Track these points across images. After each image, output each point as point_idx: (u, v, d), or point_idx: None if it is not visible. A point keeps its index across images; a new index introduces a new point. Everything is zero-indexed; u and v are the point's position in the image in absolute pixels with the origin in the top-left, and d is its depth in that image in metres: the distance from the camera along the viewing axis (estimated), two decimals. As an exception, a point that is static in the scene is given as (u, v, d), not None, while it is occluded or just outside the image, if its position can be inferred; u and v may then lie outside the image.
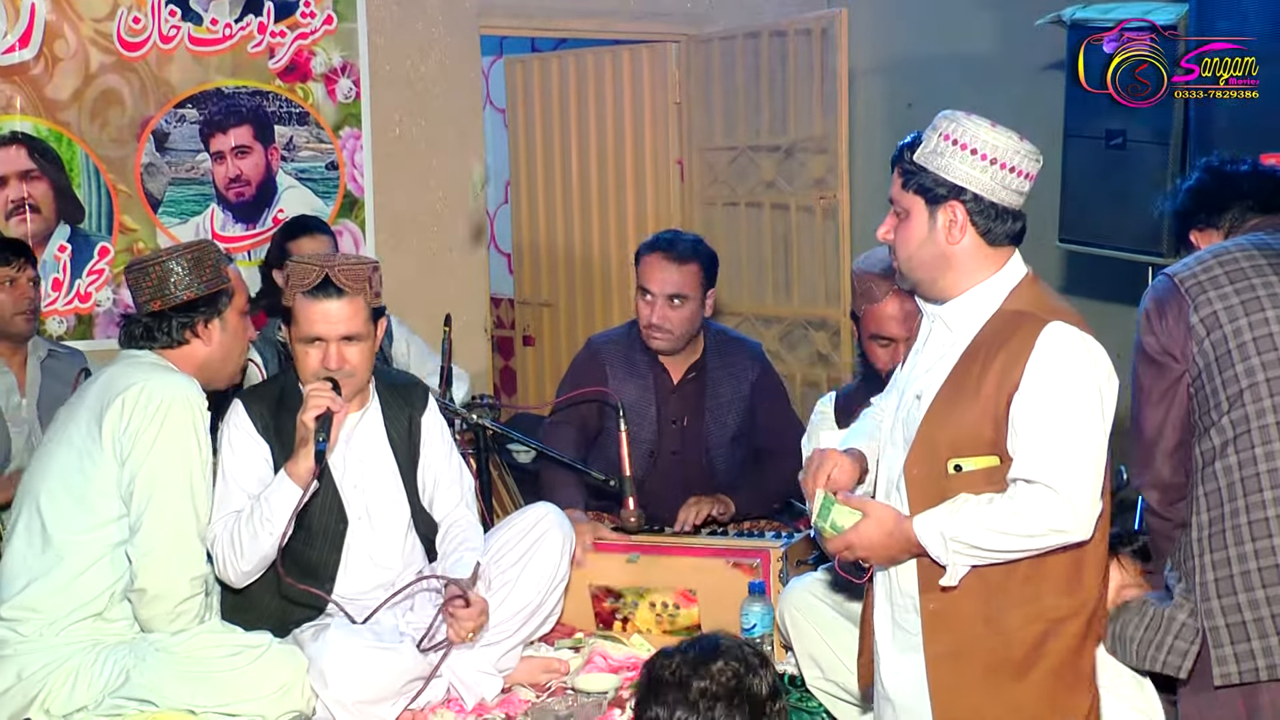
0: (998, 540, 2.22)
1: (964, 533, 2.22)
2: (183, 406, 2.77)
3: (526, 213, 6.18)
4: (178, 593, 2.76)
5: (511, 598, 3.17)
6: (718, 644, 2.07)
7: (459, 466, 3.32)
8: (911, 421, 2.35)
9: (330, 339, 3.00)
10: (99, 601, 2.78)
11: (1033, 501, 2.20)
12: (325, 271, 2.99)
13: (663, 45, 5.67)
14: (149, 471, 2.75)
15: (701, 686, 2.00)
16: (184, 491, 2.78)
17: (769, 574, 3.29)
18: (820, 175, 5.06)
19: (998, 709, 2.29)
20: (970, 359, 2.30)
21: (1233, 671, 2.31)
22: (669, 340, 3.68)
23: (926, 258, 2.34)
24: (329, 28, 4.94)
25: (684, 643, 2.12)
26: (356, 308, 3.01)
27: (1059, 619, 2.28)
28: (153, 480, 2.75)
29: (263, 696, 2.80)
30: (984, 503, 2.24)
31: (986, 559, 2.24)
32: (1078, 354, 2.24)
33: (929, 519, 2.26)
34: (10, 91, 4.51)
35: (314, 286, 2.99)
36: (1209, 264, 2.48)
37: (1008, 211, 2.30)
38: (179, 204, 4.79)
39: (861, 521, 2.32)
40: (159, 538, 2.74)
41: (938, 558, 2.25)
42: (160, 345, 2.90)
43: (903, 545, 2.30)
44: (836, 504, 2.35)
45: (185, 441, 2.77)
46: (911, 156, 2.33)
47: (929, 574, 2.30)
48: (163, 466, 2.76)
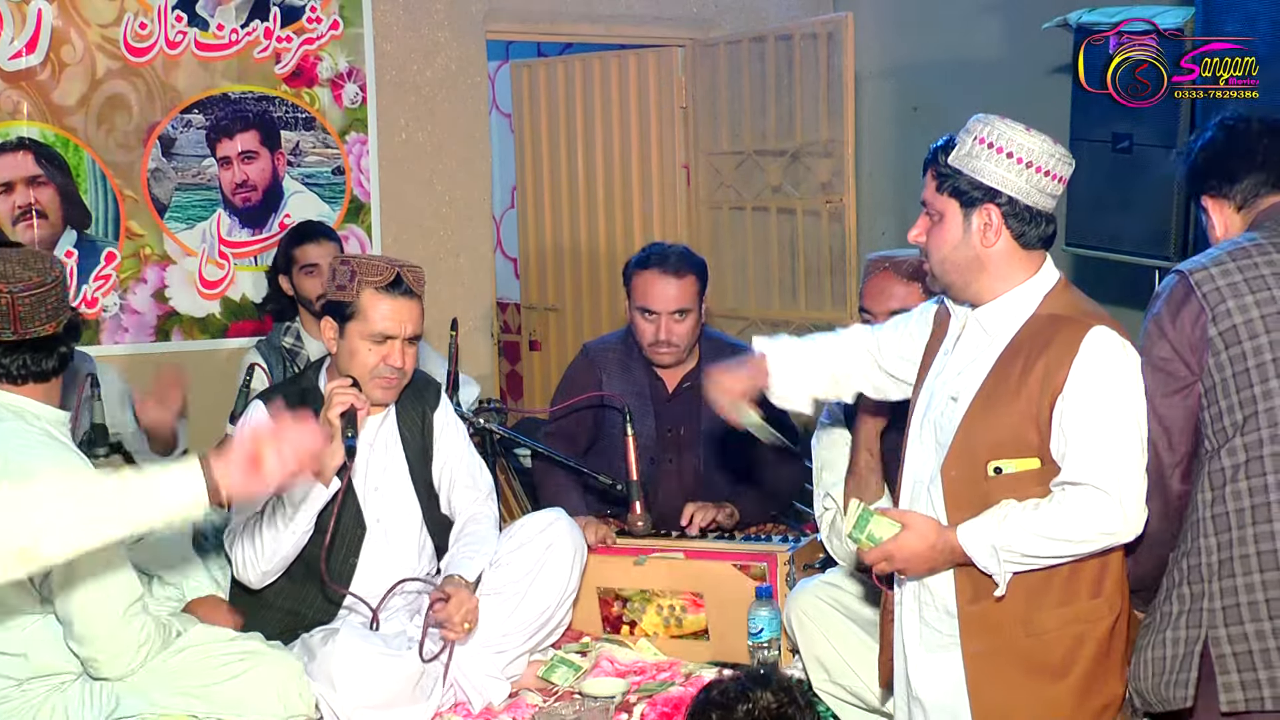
0: (1048, 546, 2.24)
1: (1015, 542, 2.23)
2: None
3: (533, 217, 6.18)
4: (132, 658, 2.66)
5: (521, 609, 3.18)
6: (771, 677, 2.16)
7: (477, 464, 3.33)
8: (947, 424, 2.36)
9: (400, 336, 3.03)
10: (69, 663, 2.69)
11: (1084, 505, 2.22)
12: (397, 270, 3.02)
13: (669, 50, 5.68)
14: (53, 576, 2.56)
15: (746, 709, 2.08)
16: (97, 573, 2.58)
17: (776, 578, 3.29)
18: (826, 179, 5.06)
19: (1036, 707, 2.32)
20: (1009, 362, 2.31)
21: (1239, 699, 2.28)
22: (676, 354, 3.69)
23: (960, 260, 2.35)
24: (335, 33, 4.96)
25: (741, 672, 2.22)
26: (420, 309, 3.09)
27: (1094, 620, 2.31)
28: (62, 581, 2.57)
29: (262, 704, 2.79)
30: (1030, 509, 2.25)
31: (1035, 565, 2.26)
32: (1121, 358, 2.26)
33: (975, 530, 2.26)
34: (17, 97, 4.52)
35: (388, 283, 3.01)
36: (1227, 267, 2.35)
37: (1040, 214, 2.32)
38: (185, 209, 4.80)
39: (902, 533, 2.31)
40: (94, 630, 2.61)
41: (985, 568, 2.26)
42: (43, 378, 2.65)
43: (946, 557, 2.31)
44: (875, 516, 2.33)
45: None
46: (946, 159, 2.34)
47: (970, 581, 2.31)
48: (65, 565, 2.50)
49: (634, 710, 3.04)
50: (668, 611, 3.38)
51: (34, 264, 2.59)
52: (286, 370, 4.08)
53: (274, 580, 3.04)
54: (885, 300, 3.07)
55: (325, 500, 2.96)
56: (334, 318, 3.06)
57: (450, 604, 2.97)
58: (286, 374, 4.05)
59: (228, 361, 4.61)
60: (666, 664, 3.31)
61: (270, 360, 4.12)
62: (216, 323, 4.85)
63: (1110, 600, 2.32)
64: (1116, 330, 2.28)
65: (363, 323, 3.01)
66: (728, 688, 2.13)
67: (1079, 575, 2.29)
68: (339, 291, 3.04)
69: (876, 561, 2.36)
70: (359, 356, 3.03)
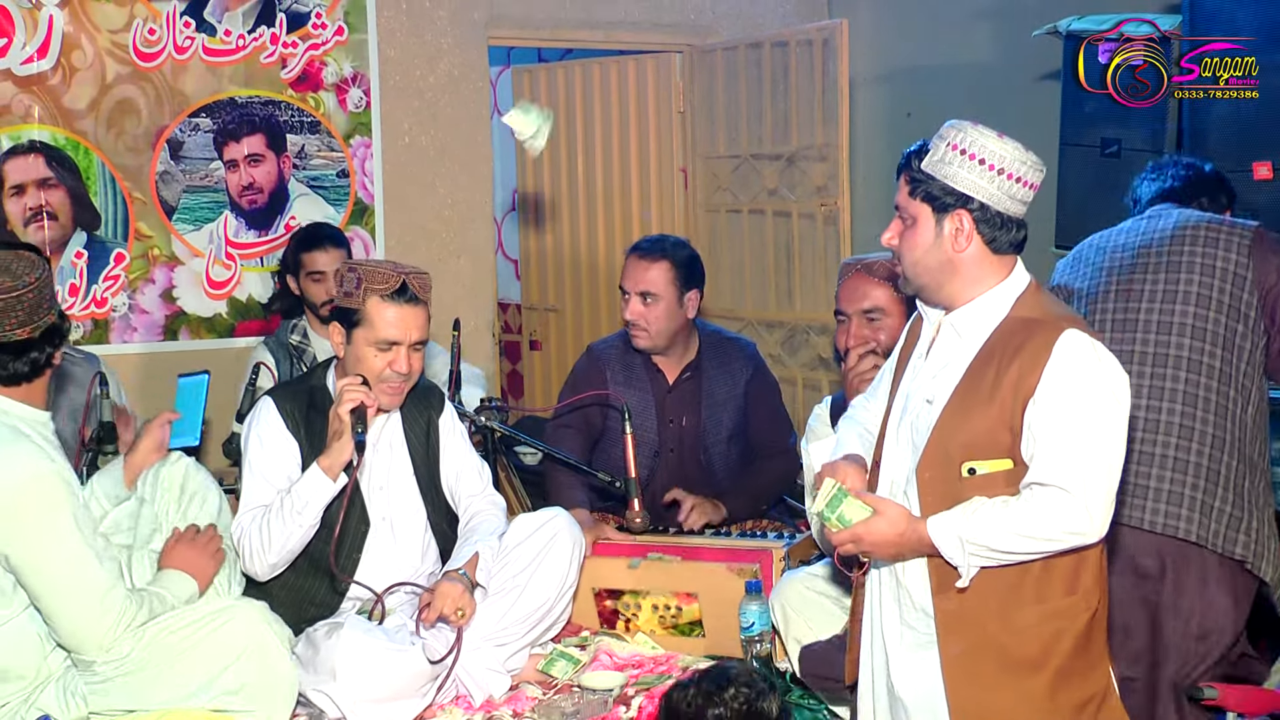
0: (1014, 542, 2.24)
1: (981, 535, 2.24)
2: (23, 486, 2.59)
3: (534, 220, 6.22)
4: (107, 635, 2.68)
5: (521, 602, 3.20)
6: (728, 672, 2.18)
7: (478, 461, 3.38)
8: (922, 426, 2.36)
9: (405, 343, 3.06)
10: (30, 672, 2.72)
11: (1049, 505, 2.22)
12: (403, 278, 3.04)
13: (667, 55, 5.72)
14: (22, 560, 2.62)
15: (717, 714, 2.11)
16: (67, 556, 2.63)
17: (771, 574, 3.31)
18: (821, 183, 5.09)
19: (1014, 703, 2.31)
20: (983, 364, 2.31)
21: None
22: (646, 338, 3.76)
23: (932, 264, 2.36)
24: (340, 39, 5.01)
25: (697, 674, 2.23)
26: (426, 315, 3.10)
27: (1071, 616, 2.31)
28: (31, 564, 2.62)
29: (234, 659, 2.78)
30: (999, 505, 2.25)
31: (1001, 560, 2.27)
32: (1093, 361, 2.26)
33: (944, 521, 2.27)
34: (29, 101, 4.58)
35: (394, 291, 3.03)
36: None
37: (1012, 220, 2.32)
38: (193, 211, 4.85)
39: (873, 518, 2.30)
40: (67, 610, 2.64)
41: (951, 559, 2.27)
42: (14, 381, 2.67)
43: (913, 546, 2.31)
44: (849, 498, 2.32)
45: (41, 514, 2.61)
46: (919, 164, 2.34)
47: (941, 575, 2.32)
48: (34, 550, 2.61)
49: (632, 703, 3.07)
50: (664, 608, 3.42)
51: (11, 269, 2.60)
52: (294, 367, 4.11)
53: (280, 573, 3.07)
54: (859, 301, 3.13)
55: (333, 494, 3.00)
56: (341, 324, 3.10)
57: (435, 598, 3.00)
58: (294, 371, 4.08)
59: (234, 361, 4.63)
60: (664, 657, 3.35)
61: (278, 357, 4.14)
62: (223, 322, 4.91)
63: (1087, 597, 2.32)
64: (1087, 333, 2.29)
65: (369, 330, 3.04)
66: (690, 697, 2.13)
67: (1052, 572, 2.29)
68: (345, 299, 3.07)
69: (843, 543, 2.34)
70: (366, 362, 3.06)
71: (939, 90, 5.40)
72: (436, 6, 5.20)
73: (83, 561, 2.64)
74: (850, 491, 2.34)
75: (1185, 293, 2.93)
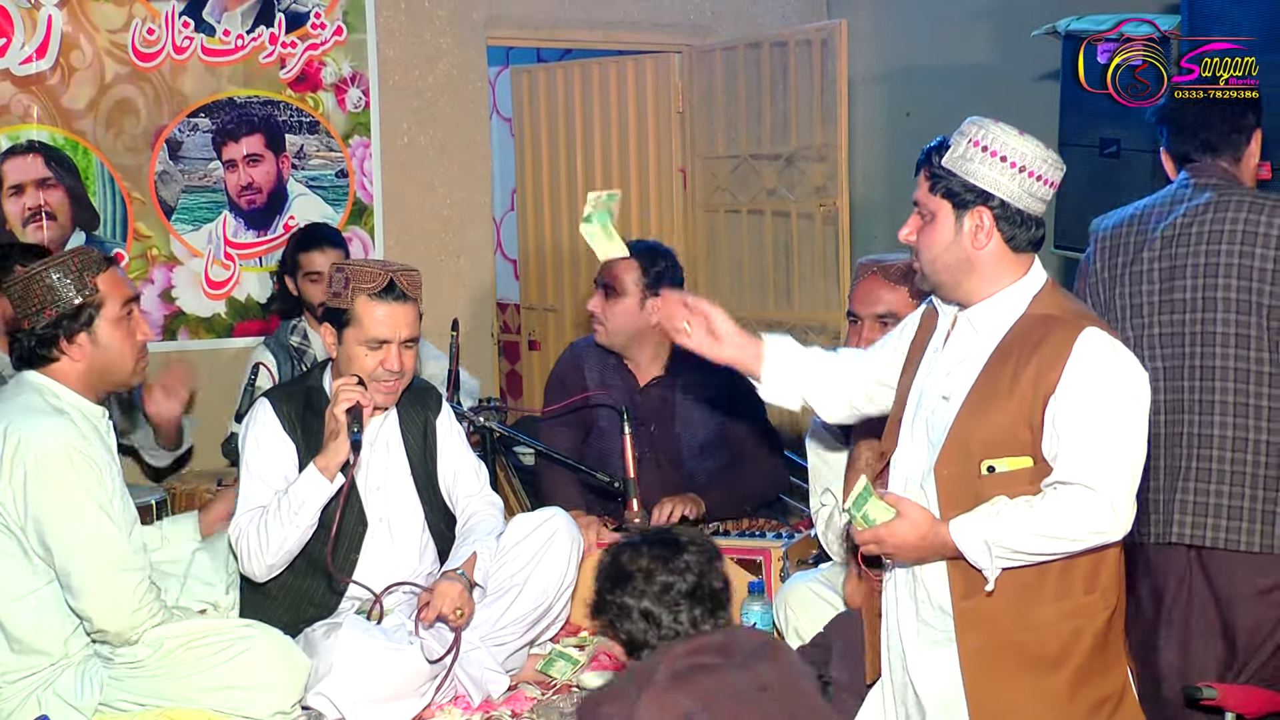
0: (1040, 543, 2.24)
1: (1007, 538, 2.23)
2: (56, 454, 2.66)
3: (532, 220, 6.23)
4: (128, 618, 2.74)
5: (519, 601, 3.21)
6: (678, 538, 2.21)
7: (476, 461, 3.38)
8: (939, 422, 2.36)
9: (394, 341, 3.06)
10: (54, 649, 2.77)
11: (1075, 504, 2.22)
12: (390, 276, 3.04)
13: (666, 55, 5.73)
14: (50, 526, 2.68)
15: (667, 581, 2.14)
16: (93, 525, 2.69)
17: (770, 573, 3.33)
18: (820, 183, 5.09)
19: (1033, 700, 2.31)
20: (1001, 361, 2.31)
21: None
22: (603, 333, 3.80)
23: (951, 261, 2.36)
24: (339, 39, 5.01)
25: (646, 535, 2.25)
26: (416, 312, 3.10)
27: (1090, 615, 2.31)
28: (59, 532, 2.68)
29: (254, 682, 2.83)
30: (1023, 506, 2.25)
31: (1024, 562, 2.26)
32: (1114, 359, 2.26)
33: (968, 525, 2.26)
34: (28, 101, 4.58)
35: (381, 289, 3.03)
36: None
37: (1031, 218, 2.32)
38: (192, 211, 4.85)
39: (895, 520, 2.28)
40: (90, 580, 2.70)
41: (976, 563, 2.25)
42: (38, 364, 2.78)
43: (935, 549, 2.29)
44: (874, 498, 2.30)
45: (72, 483, 2.68)
46: (939, 161, 2.34)
47: (963, 576, 2.31)
48: (63, 516, 2.68)
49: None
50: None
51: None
52: (294, 368, 4.12)
53: (278, 574, 3.08)
54: (873, 304, 3.12)
55: (330, 495, 3.00)
56: (332, 324, 3.10)
57: (434, 598, 3.00)
58: (294, 371, 4.09)
59: (233, 361, 4.66)
60: (662, 657, 3.36)
61: (279, 358, 4.16)
62: (222, 322, 4.91)
63: (1105, 595, 2.32)
64: (1106, 331, 2.29)
65: (358, 329, 3.04)
66: (643, 561, 2.16)
67: (1072, 571, 2.29)
68: (334, 299, 3.08)
69: (866, 543, 2.33)
70: (358, 362, 3.06)
71: (938, 90, 5.41)
72: (435, 6, 5.21)
73: (108, 539, 2.70)
74: (875, 492, 2.32)
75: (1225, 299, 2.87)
